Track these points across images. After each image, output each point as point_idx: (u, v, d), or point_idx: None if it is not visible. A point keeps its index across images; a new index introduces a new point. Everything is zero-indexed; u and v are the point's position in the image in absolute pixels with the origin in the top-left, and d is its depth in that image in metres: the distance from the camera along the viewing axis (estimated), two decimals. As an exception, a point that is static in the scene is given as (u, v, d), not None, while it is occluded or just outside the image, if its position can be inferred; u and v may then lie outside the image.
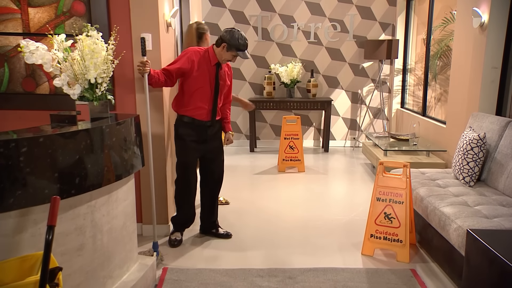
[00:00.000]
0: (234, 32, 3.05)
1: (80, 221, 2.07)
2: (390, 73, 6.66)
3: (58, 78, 2.28)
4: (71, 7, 3.15)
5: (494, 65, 3.69)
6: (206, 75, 3.12)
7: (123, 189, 2.39)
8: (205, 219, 3.47)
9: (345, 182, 5.13)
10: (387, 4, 6.43)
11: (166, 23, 3.40)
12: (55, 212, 1.57)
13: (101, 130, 2.13)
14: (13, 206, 1.77)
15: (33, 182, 1.81)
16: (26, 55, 2.17)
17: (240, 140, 6.81)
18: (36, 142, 1.83)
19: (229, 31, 3.07)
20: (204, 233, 3.49)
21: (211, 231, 3.47)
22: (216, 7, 6.44)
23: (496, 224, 2.55)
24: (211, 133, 3.24)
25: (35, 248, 1.85)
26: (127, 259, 2.46)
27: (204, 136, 3.19)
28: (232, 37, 3.03)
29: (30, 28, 3.16)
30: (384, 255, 3.16)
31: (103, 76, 2.31)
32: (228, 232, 3.48)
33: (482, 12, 3.69)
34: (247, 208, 4.12)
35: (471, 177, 3.23)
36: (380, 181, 3.12)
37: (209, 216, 3.46)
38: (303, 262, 3.06)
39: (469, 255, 2.36)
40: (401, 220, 3.04)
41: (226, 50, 3.06)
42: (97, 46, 2.27)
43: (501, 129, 3.25)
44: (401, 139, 5.18)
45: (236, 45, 3.03)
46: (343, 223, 3.77)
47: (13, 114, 3.26)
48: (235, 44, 3.03)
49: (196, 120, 3.15)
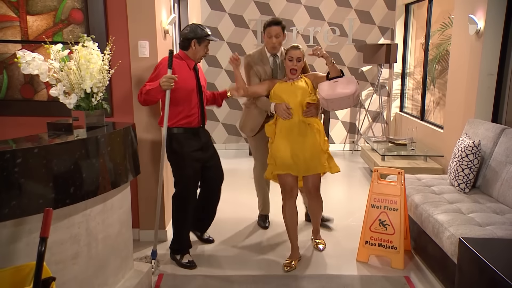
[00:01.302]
0: (192, 26, 3.02)
1: (75, 230, 2.10)
2: (389, 77, 6.68)
3: (54, 88, 2.31)
4: (69, 15, 3.18)
5: (490, 72, 3.71)
6: (188, 81, 3.03)
7: (118, 197, 2.42)
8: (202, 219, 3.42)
9: (343, 186, 5.14)
10: (386, 9, 6.45)
11: (163, 30, 3.43)
12: (48, 224, 1.60)
13: (96, 140, 2.16)
14: (8, 216, 1.80)
15: (28, 192, 1.84)
16: (23, 65, 2.21)
17: (239, 144, 6.84)
18: (31, 153, 1.86)
19: (187, 29, 3.02)
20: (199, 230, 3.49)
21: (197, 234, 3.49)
22: (216, 11, 6.47)
23: (489, 232, 2.57)
24: (205, 140, 3.18)
25: (30, 257, 1.88)
26: (122, 266, 2.49)
27: (200, 143, 3.13)
28: (195, 30, 2.99)
29: (28, 36, 3.20)
30: (379, 261, 3.17)
31: (99, 86, 2.34)
32: (211, 238, 3.52)
33: (478, 19, 3.71)
34: (244, 212, 4.13)
35: (466, 184, 3.25)
36: (375, 188, 3.14)
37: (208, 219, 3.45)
38: (298, 268, 3.08)
39: (461, 263, 2.38)
40: (395, 227, 3.06)
41: (199, 45, 3.01)
42: (92, 56, 2.30)
43: (496, 136, 3.26)
44: (399, 144, 5.20)
45: (204, 34, 3.00)
46: (339, 228, 3.79)
47: (12, 121, 3.29)
48: (202, 34, 2.99)
49: (188, 128, 3.06)
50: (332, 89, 3.01)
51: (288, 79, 3.18)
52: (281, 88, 3.16)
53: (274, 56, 3.43)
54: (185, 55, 3.06)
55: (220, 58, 6.59)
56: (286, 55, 3.12)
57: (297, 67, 3.10)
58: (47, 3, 3.15)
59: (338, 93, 2.99)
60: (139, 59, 3.23)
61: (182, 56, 3.06)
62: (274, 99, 3.17)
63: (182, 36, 3.04)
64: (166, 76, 2.80)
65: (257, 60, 3.42)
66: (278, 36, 3.31)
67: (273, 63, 3.42)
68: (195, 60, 3.09)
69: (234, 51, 6.54)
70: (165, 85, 2.80)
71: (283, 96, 3.12)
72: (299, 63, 3.10)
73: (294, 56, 3.08)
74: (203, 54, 3.09)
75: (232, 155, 6.49)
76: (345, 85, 3.01)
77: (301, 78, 3.18)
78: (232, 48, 6.56)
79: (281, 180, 3.15)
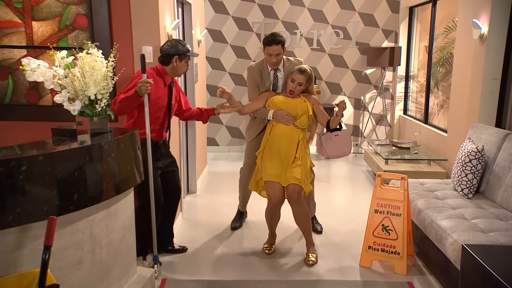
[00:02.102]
0: (173, 42, 2.97)
1: (78, 236, 2.11)
2: (392, 79, 6.67)
3: (59, 95, 2.33)
4: (74, 20, 3.20)
5: (494, 76, 3.70)
6: (160, 100, 2.99)
7: (122, 203, 2.44)
8: (163, 235, 3.27)
9: (346, 190, 5.14)
10: (389, 11, 6.44)
11: (167, 36, 3.45)
12: (51, 232, 1.61)
13: (100, 147, 2.17)
14: (12, 223, 1.81)
15: (32, 199, 1.86)
16: (28, 73, 2.23)
17: (243, 146, 6.84)
18: (35, 161, 1.87)
19: (168, 43, 2.97)
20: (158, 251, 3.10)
21: (167, 248, 3.33)
22: (219, 14, 6.49)
23: (492, 238, 2.57)
24: (164, 152, 3.16)
25: (34, 264, 1.89)
26: (125, 272, 2.51)
27: (158, 154, 3.06)
28: (177, 46, 2.95)
29: (33, 41, 3.23)
30: (382, 267, 3.17)
31: (103, 93, 2.36)
32: (184, 247, 3.42)
33: (482, 24, 3.70)
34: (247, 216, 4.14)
35: (469, 189, 3.24)
36: (378, 193, 3.14)
37: (169, 232, 3.34)
38: (301, 273, 3.08)
39: (464, 270, 2.37)
40: (398, 233, 3.05)
41: (180, 62, 2.98)
42: (97, 64, 2.32)
43: (499, 141, 3.25)
44: (403, 147, 5.19)
45: (185, 50, 2.97)
46: (342, 233, 3.79)
47: (17, 125, 3.33)
48: (184, 50, 2.96)
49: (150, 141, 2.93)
50: (335, 147, 3.39)
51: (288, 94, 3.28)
52: (281, 101, 3.24)
53: (276, 70, 3.45)
54: (163, 71, 3.00)
55: (223, 61, 6.60)
56: (291, 74, 3.20)
57: (296, 90, 3.21)
58: (52, 9, 3.18)
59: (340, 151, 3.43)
60: (143, 64, 3.24)
61: (160, 72, 2.99)
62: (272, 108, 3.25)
63: (162, 51, 2.97)
64: (141, 81, 2.72)
65: (257, 73, 3.45)
66: (278, 55, 3.33)
67: (273, 77, 3.45)
68: (173, 76, 3.05)
69: (237, 54, 6.56)
70: (142, 90, 2.72)
71: (282, 108, 3.21)
72: (299, 87, 3.20)
73: (296, 80, 3.18)
74: (184, 70, 3.05)
75: (235, 157, 6.51)
76: (345, 141, 3.39)
77: (301, 97, 3.27)
78: (236, 51, 6.58)
79: (267, 189, 3.19)
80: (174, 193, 3.29)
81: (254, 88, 3.45)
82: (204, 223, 4.01)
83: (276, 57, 3.33)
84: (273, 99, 3.28)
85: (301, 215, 3.21)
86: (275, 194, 3.15)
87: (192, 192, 4.81)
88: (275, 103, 3.25)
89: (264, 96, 3.37)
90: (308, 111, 3.22)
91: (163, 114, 3.05)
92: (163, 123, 3.08)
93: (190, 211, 4.30)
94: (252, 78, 3.46)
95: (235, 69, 6.63)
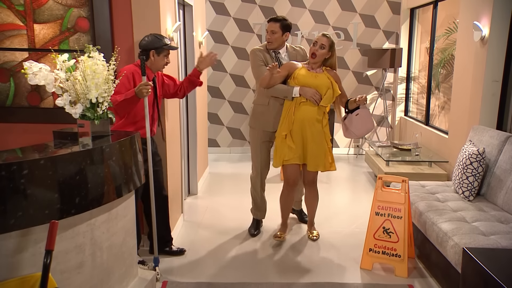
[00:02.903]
0: (150, 37, 2.98)
1: (80, 239, 2.12)
2: (393, 81, 6.67)
3: (60, 98, 2.34)
4: (76, 23, 3.21)
5: (495, 79, 3.70)
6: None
7: (123, 206, 2.44)
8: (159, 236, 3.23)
9: (347, 191, 5.14)
10: (391, 13, 6.44)
11: (168, 38, 3.45)
12: (53, 236, 1.62)
13: (101, 150, 2.18)
14: (14, 227, 1.82)
15: (34, 203, 1.86)
16: (29, 76, 2.23)
17: (244, 147, 6.85)
18: (37, 164, 1.88)
19: (145, 39, 2.98)
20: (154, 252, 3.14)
21: (164, 250, 3.34)
22: (221, 16, 6.50)
23: (493, 242, 2.56)
24: (153, 149, 3.11)
25: (36, 267, 1.90)
26: (126, 274, 2.51)
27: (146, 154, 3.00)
28: (153, 41, 2.96)
29: (35, 44, 3.24)
30: (383, 269, 3.17)
31: (104, 96, 2.36)
32: (182, 249, 3.40)
33: (483, 26, 3.70)
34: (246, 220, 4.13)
35: (470, 191, 3.24)
36: (379, 195, 3.14)
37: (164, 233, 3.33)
38: (301, 276, 3.09)
39: (465, 273, 2.37)
40: (399, 235, 3.05)
41: (157, 55, 2.98)
42: (98, 67, 2.32)
43: (500, 144, 3.25)
44: (404, 149, 5.19)
45: (162, 44, 2.97)
46: (343, 235, 3.79)
47: (18, 127, 3.33)
48: (160, 44, 2.96)
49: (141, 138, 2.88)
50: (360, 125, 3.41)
51: (311, 67, 3.31)
52: (304, 77, 3.28)
53: (276, 53, 3.55)
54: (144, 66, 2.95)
55: (225, 62, 6.61)
56: (314, 39, 3.31)
57: (318, 53, 3.23)
58: (53, 12, 3.19)
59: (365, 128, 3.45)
60: (144, 66, 3.25)
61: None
62: (296, 84, 3.29)
63: (140, 47, 3.00)
64: (142, 84, 2.75)
65: (260, 54, 3.56)
66: (274, 33, 3.46)
67: (276, 59, 3.55)
68: (154, 70, 3.05)
69: (238, 55, 6.57)
70: (143, 93, 2.75)
71: (308, 85, 3.26)
72: (321, 50, 3.24)
73: (318, 41, 3.25)
74: (163, 64, 3.05)
75: (236, 159, 6.51)
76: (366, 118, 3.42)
77: (324, 72, 3.29)
78: (237, 52, 6.58)
79: (286, 170, 3.46)
80: (160, 193, 3.23)
81: (261, 66, 3.50)
82: (205, 225, 4.02)
83: (271, 34, 3.47)
84: (297, 75, 3.28)
85: (312, 197, 3.61)
86: (292, 176, 3.45)
87: (193, 193, 4.81)
88: (299, 81, 3.27)
89: (285, 67, 3.36)
90: (334, 87, 3.26)
91: (150, 110, 3.03)
92: (151, 117, 3.07)
93: (191, 212, 4.30)
94: (257, 57, 3.54)
95: (236, 70, 6.64)
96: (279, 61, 3.54)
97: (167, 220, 3.37)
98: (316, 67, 3.32)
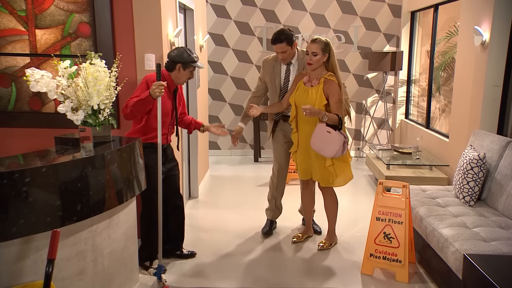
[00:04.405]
0: (180, 50, 3.00)
1: (81, 246, 2.13)
2: (394, 84, 6.67)
3: (62, 105, 2.35)
4: (77, 28, 3.22)
5: (496, 83, 3.70)
6: (166, 104, 3.01)
7: (124, 212, 2.45)
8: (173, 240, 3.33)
9: (347, 195, 5.14)
10: (391, 16, 6.44)
11: (169, 43, 3.46)
12: (55, 245, 1.62)
13: (103, 157, 2.19)
14: (16, 235, 1.83)
15: (35, 211, 1.87)
16: (31, 83, 2.24)
17: (245, 150, 6.86)
18: (39, 172, 1.89)
19: (175, 51, 3.00)
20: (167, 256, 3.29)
21: (175, 253, 3.37)
22: (221, 19, 6.50)
23: (494, 248, 2.57)
24: (170, 156, 3.23)
25: (37, 275, 1.91)
26: (127, 280, 2.52)
27: (163, 158, 3.06)
28: (182, 55, 2.97)
29: (37, 49, 3.25)
30: (384, 274, 3.18)
31: (106, 102, 2.38)
32: (193, 252, 3.43)
33: (484, 31, 3.71)
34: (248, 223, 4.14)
35: (471, 196, 3.24)
36: (380, 200, 3.14)
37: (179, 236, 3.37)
38: (302, 282, 3.09)
39: (466, 280, 2.38)
40: (400, 240, 3.06)
41: (183, 70, 3.00)
42: (100, 74, 2.33)
43: (501, 149, 3.26)
44: (404, 152, 5.19)
45: (190, 60, 2.98)
46: (344, 239, 3.79)
47: (20, 132, 3.35)
48: (189, 60, 2.98)
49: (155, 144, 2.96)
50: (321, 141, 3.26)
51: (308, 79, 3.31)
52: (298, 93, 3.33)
53: (289, 64, 3.54)
54: (168, 77, 3.02)
55: (225, 65, 6.62)
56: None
57: (313, 61, 3.20)
58: (55, 17, 3.20)
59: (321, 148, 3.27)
60: (145, 72, 3.26)
61: (165, 77, 3.01)
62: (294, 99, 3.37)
63: (169, 57, 3.02)
64: (155, 84, 2.75)
65: (269, 68, 3.58)
66: (285, 52, 3.41)
67: (286, 71, 3.56)
68: (179, 82, 3.08)
69: (239, 58, 6.58)
70: (156, 93, 2.74)
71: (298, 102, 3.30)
72: (315, 57, 3.20)
73: (309, 50, 3.23)
74: (187, 78, 3.07)
75: (237, 161, 6.52)
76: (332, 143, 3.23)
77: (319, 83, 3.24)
78: (238, 55, 6.59)
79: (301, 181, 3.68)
80: (177, 196, 3.31)
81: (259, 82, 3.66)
82: (206, 228, 4.02)
83: (282, 54, 3.43)
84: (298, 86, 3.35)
85: (326, 203, 3.63)
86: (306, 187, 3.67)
87: (194, 196, 4.82)
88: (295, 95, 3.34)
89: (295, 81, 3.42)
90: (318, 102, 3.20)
91: (169, 119, 3.10)
92: (169, 127, 3.14)
93: (192, 215, 4.30)
94: (262, 73, 3.64)
95: (237, 73, 6.65)
96: (289, 72, 3.53)
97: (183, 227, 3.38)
98: (314, 76, 3.26)
